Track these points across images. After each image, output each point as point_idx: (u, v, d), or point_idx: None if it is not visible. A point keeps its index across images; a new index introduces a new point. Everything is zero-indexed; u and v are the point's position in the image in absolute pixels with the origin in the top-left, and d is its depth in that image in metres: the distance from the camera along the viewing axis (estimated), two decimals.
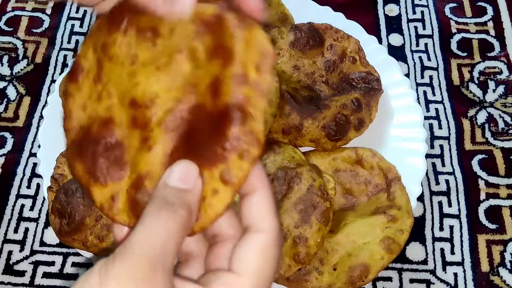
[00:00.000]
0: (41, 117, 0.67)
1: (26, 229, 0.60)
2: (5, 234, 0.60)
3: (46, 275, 0.57)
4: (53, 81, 0.70)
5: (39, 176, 0.61)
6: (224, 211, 0.28)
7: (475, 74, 0.69)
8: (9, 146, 0.65)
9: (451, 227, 0.59)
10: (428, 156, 0.61)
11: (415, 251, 0.58)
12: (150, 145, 0.29)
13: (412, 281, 0.56)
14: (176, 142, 0.29)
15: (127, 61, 0.30)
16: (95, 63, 0.31)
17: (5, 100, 0.69)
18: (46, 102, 0.66)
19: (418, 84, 0.68)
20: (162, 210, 0.27)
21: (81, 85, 0.32)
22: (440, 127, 0.65)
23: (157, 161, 0.29)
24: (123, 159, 0.30)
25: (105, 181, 0.30)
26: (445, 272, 0.57)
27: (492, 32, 0.72)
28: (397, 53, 0.70)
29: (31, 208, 0.61)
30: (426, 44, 0.72)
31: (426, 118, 0.65)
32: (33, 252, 0.59)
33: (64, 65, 0.71)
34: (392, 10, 0.75)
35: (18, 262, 0.58)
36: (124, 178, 0.30)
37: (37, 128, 0.66)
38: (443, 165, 0.63)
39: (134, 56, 0.30)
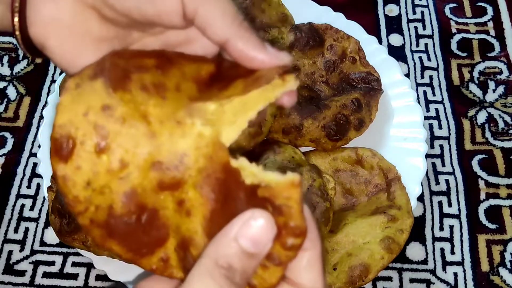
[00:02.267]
0: (41, 117, 0.67)
1: (26, 229, 0.60)
2: (5, 234, 0.60)
3: (46, 275, 0.57)
4: (53, 81, 0.70)
5: (39, 176, 0.62)
6: (277, 284, 0.27)
7: (475, 74, 0.69)
8: (9, 146, 0.65)
9: (451, 227, 0.59)
10: (428, 156, 0.61)
11: (415, 251, 0.58)
12: (188, 209, 0.27)
13: (412, 281, 0.56)
14: (214, 205, 0.27)
15: (140, 121, 0.27)
16: (91, 131, 0.27)
17: (5, 100, 0.69)
18: (46, 102, 0.66)
19: (418, 84, 0.68)
20: (223, 279, 0.25)
21: (76, 161, 0.27)
22: (440, 127, 0.65)
23: (198, 228, 0.27)
24: (160, 223, 0.28)
25: (152, 252, 0.28)
26: (445, 272, 0.57)
27: (492, 32, 0.72)
28: (397, 53, 0.70)
29: (31, 208, 0.61)
30: (426, 44, 0.72)
31: (426, 118, 0.65)
32: (33, 252, 0.59)
33: None
34: (392, 10, 0.75)
35: (18, 262, 0.58)
36: (169, 239, 0.28)
37: (37, 128, 0.66)
38: (443, 165, 0.63)
39: (145, 115, 0.27)
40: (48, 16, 0.29)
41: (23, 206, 0.62)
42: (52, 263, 0.58)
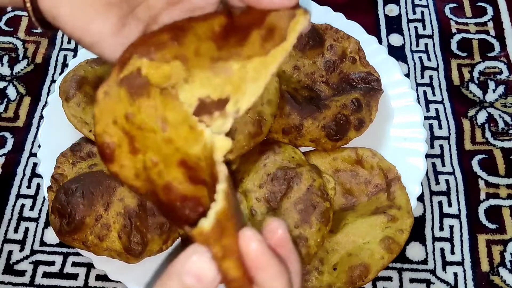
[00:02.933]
0: (41, 117, 0.67)
1: (26, 229, 0.60)
2: (5, 234, 0.60)
3: (46, 275, 0.57)
4: (53, 81, 0.70)
5: (39, 176, 0.61)
6: None
7: (475, 74, 0.69)
8: (9, 146, 0.65)
9: (451, 227, 0.59)
10: (428, 156, 0.61)
11: (415, 251, 0.58)
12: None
13: (412, 281, 0.56)
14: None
15: (158, 126, 0.30)
16: (123, 136, 0.30)
17: (5, 100, 0.69)
18: (46, 102, 0.66)
19: (418, 84, 0.68)
20: None
21: (120, 160, 0.30)
22: (440, 127, 0.65)
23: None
24: (203, 206, 0.30)
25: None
26: (445, 272, 0.57)
27: (492, 32, 0.72)
28: (397, 53, 0.70)
29: (31, 208, 0.61)
30: (426, 44, 0.72)
31: (426, 118, 0.65)
32: (33, 252, 0.59)
33: (64, 65, 0.71)
34: (392, 10, 0.75)
35: (18, 262, 0.58)
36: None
37: (37, 128, 0.66)
38: (443, 165, 0.63)
39: (164, 120, 0.30)
40: None
41: (23, 206, 0.62)
42: (52, 263, 0.58)
